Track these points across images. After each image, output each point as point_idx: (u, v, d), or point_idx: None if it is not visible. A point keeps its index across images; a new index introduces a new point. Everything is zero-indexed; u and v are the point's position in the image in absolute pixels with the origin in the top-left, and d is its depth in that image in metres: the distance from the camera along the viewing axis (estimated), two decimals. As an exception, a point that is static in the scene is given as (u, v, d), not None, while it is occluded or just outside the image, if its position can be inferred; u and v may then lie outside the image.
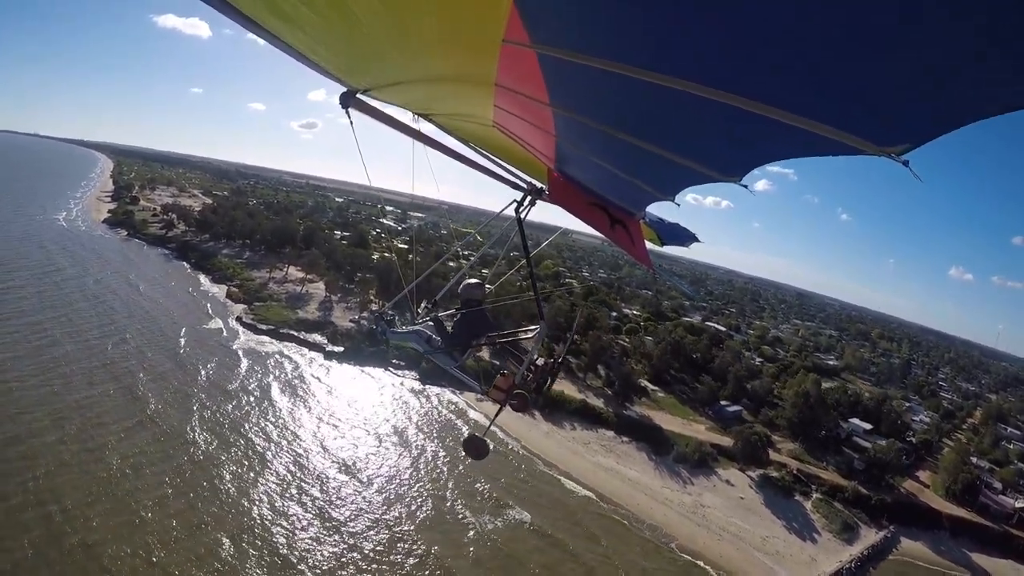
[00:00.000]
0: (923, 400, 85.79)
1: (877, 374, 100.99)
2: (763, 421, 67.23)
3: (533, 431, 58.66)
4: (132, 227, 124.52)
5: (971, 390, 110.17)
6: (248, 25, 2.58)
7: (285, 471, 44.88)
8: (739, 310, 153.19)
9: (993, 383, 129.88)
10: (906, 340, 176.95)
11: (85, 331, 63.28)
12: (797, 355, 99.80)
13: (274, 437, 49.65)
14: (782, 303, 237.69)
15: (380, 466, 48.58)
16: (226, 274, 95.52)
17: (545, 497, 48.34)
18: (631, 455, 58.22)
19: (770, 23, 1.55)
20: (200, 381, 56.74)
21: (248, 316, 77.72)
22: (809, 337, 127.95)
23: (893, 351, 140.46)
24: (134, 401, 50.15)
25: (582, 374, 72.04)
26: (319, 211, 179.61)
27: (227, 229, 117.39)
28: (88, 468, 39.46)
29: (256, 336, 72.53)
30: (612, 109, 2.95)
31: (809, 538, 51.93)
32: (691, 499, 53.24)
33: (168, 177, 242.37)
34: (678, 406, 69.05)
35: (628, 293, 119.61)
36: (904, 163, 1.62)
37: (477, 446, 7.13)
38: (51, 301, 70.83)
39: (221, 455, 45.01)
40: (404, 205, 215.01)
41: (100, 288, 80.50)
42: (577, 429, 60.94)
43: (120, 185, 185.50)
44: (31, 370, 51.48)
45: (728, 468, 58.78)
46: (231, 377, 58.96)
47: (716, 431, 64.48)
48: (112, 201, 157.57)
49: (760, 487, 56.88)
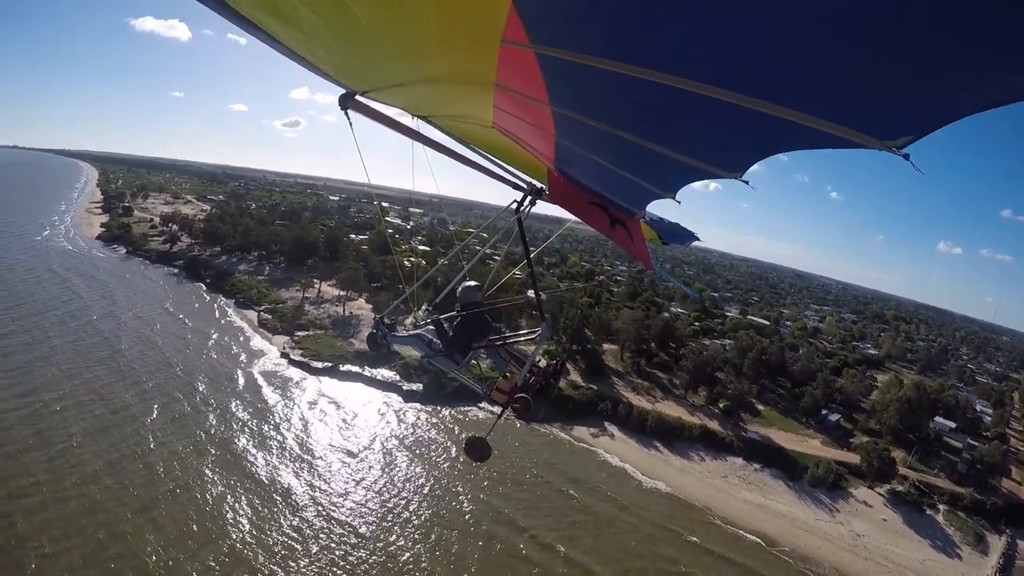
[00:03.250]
0: (967, 387, 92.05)
1: (918, 362, 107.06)
2: (863, 429, 68.27)
3: (668, 469, 55.77)
4: (130, 243, 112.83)
5: (997, 371, 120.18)
6: (246, 27, 2.59)
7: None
8: (761, 298, 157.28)
9: (1008, 360, 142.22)
10: (918, 321, 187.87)
11: (113, 394, 51.83)
12: (843, 347, 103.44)
13: (412, 533, 42.39)
14: (792, 287, 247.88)
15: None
16: (251, 296, 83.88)
17: (714, 543, 45.96)
18: (769, 485, 56.76)
19: (767, 19, 1.59)
20: (279, 459, 48.16)
21: (296, 351, 67.86)
22: (840, 326, 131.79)
23: (912, 332, 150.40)
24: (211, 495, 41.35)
25: (682, 390, 69.47)
26: (323, 212, 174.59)
27: (240, 241, 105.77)
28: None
29: (314, 377, 63.43)
30: (611, 107, 2.96)
31: (955, 555, 53.19)
32: (844, 529, 52.70)
33: (158, 183, 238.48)
34: (781, 419, 68.48)
35: (663, 289, 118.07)
36: (905, 156, 1.64)
37: (479, 448, 6.90)
38: (55, 352, 57.72)
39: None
40: (398, 200, 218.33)
41: (113, 327, 67.72)
42: (706, 460, 58.60)
43: (109, 195, 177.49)
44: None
45: (858, 487, 58.92)
46: (311, 442, 50.90)
47: (831, 445, 64.55)
48: (103, 213, 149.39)
49: (894, 505, 57.49)
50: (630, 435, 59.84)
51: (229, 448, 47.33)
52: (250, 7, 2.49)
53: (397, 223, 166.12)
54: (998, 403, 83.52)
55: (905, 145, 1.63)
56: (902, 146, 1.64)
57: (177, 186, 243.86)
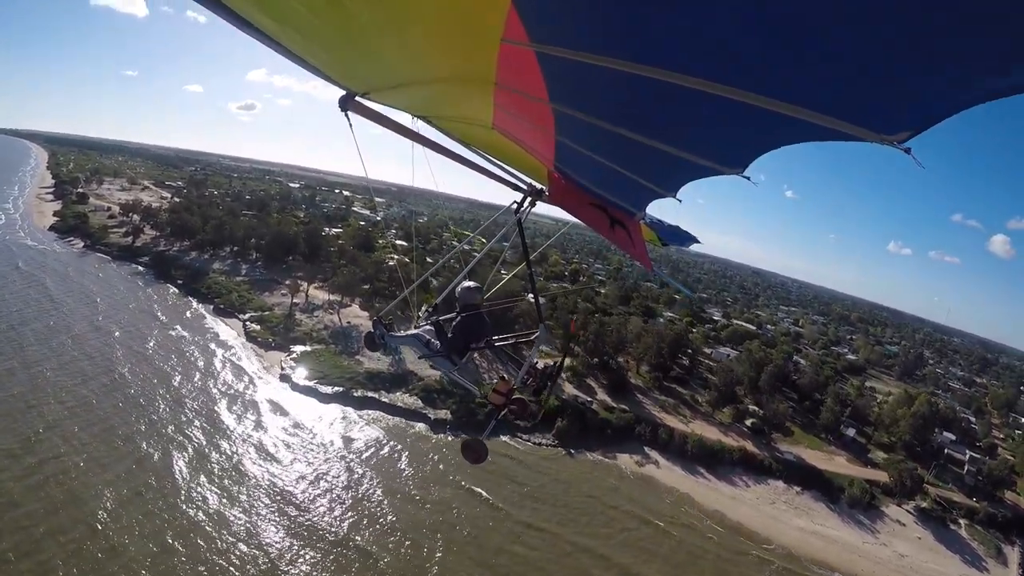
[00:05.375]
0: (944, 393, 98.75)
1: (896, 368, 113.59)
2: (877, 444, 70.61)
3: (721, 497, 54.77)
4: (88, 235, 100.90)
5: (963, 375, 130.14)
6: (243, 27, 2.58)
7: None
8: (734, 299, 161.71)
9: (967, 364, 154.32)
10: (880, 323, 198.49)
11: (75, 447, 43.03)
12: (827, 353, 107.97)
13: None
14: (756, 285, 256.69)
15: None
16: (231, 302, 74.95)
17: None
18: (814, 508, 56.99)
19: (766, 14, 1.60)
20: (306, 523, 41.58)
21: (298, 372, 60.56)
22: (815, 329, 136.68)
23: (878, 335, 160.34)
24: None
25: (707, 407, 68.66)
26: (290, 202, 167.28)
27: (212, 236, 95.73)
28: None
29: (324, 407, 56.53)
30: (612, 105, 2.97)
31: (983, 568, 55.78)
32: (889, 551, 53.74)
33: (112, 168, 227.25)
34: (804, 435, 69.37)
35: (647, 291, 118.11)
36: (906, 151, 1.64)
37: (475, 450, 6.84)
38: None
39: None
40: (358, 189, 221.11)
41: (71, 344, 57.97)
42: (751, 485, 58.02)
43: (61, 179, 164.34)
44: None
45: (887, 504, 60.51)
46: (344, 494, 44.40)
47: (855, 462, 66.12)
48: (55, 200, 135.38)
49: (923, 522, 59.48)
50: (674, 461, 58.09)
51: (255, 535, 39.57)
52: (248, 7, 2.47)
53: (366, 214, 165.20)
54: (978, 411, 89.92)
55: (905, 139, 1.62)
56: (902, 140, 1.63)
57: (132, 170, 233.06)
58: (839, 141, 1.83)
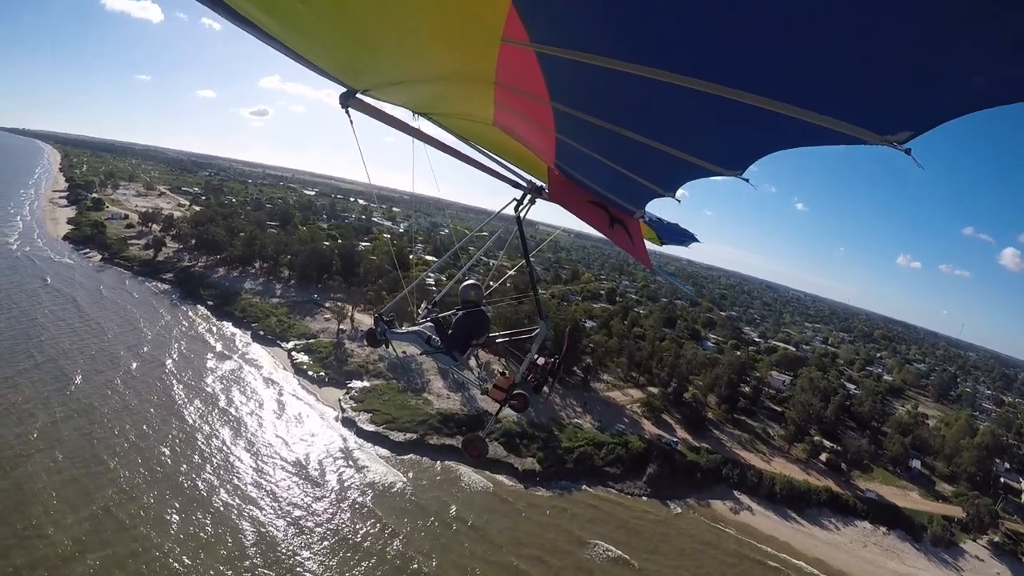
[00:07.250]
0: (980, 415, 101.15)
1: (930, 389, 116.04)
2: (941, 475, 71.62)
3: (819, 544, 54.58)
4: (106, 247, 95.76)
5: (990, 394, 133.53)
6: (245, 26, 2.63)
7: None
8: (760, 315, 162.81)
9: (991, 381, 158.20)
10: (905, 340, 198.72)
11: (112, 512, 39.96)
12: (867, 375, 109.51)
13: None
14: (776, 300, 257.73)
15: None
16: (271, 327, 71.82)
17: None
18: (902, 549, 57.56)
19: (766, 15, 1.62)
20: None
21: (362, 416, 57.62)
22: (848, 348, 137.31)
23: (904, 352, 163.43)
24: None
25: (785, 442, 68.39)
26: (311, 211, 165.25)
27: (242, 251, 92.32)
28: None
29: (398, 458, 52.72)
30: (612, 105, 2.99)
31: (1063, 604, 57.02)
32: (978, 591, 54.35)
33: (126, 171, 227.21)
34: (878, 470, 69.72)
35: (682, 310, 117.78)
36: (907, 151, 1.67)
37: (477, 445, 7.09)
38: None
39: None
40: (365, 195, 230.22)
41: (99, 373, 53.70)
42: (840, 528, 58.17)
43: (75, 183, 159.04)
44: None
45: (964, 540, 61.36)
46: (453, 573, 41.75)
47: (928, 497, 66.85)
48: (69, 205, 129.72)
49: (998, 556, 60.65)
50: (765, 506, 57.70)
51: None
52: (249, 7, 2.52)
53: (388, 225, 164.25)
54: (1018, 433, 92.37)
55: (906, 140, 1.64)
56: (903, 141, 1.64)
57: (146, 174, 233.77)
58: (838, 145, 1.85)
